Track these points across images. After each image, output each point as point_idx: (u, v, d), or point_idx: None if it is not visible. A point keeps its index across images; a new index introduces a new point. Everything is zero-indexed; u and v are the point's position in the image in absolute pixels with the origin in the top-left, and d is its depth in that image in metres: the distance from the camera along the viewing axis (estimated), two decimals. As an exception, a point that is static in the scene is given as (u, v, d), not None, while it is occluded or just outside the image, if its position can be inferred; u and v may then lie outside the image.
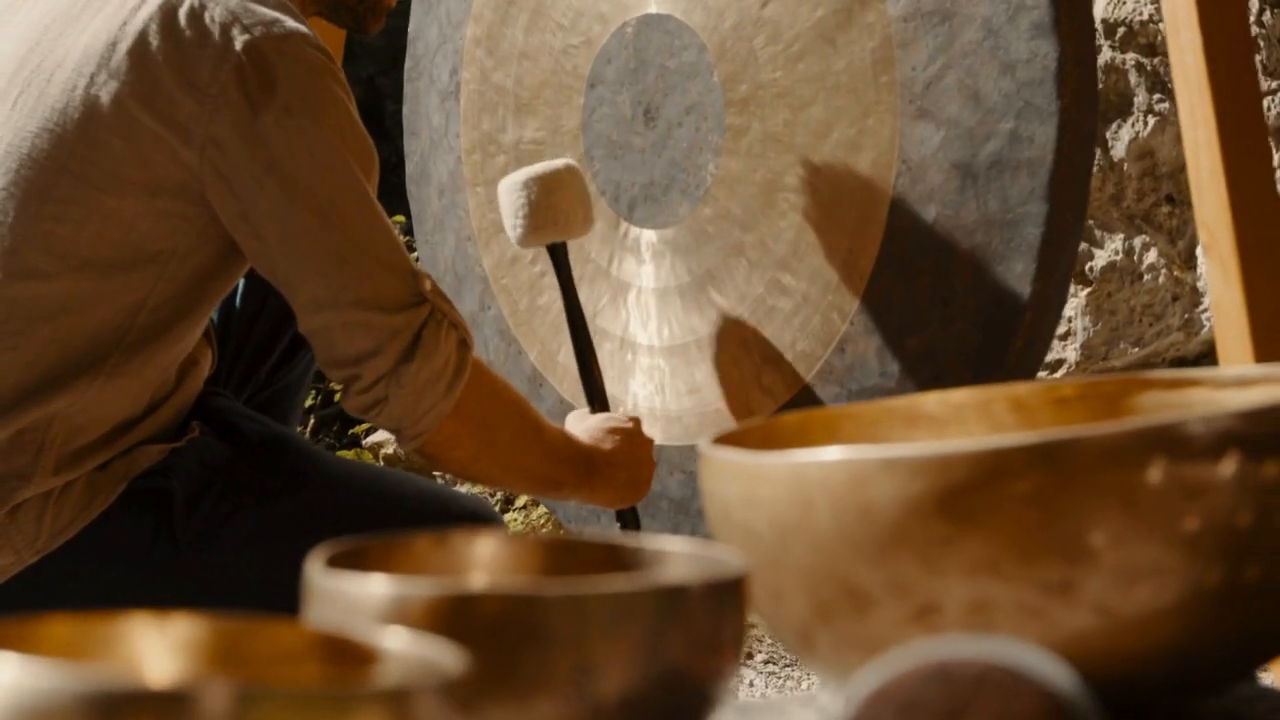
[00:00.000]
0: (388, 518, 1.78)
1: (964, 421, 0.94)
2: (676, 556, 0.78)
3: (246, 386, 2.09)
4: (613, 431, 1.99)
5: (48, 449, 1.67)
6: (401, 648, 0.58)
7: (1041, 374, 2.71)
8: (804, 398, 2.12)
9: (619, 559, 0.80)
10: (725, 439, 0.87)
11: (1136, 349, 2.87)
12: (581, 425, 2.01)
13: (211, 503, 1.76)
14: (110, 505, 1.71)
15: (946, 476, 0.71)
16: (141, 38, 1.63)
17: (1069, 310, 2.86)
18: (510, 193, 2.13)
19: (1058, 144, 1.86)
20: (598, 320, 2.44)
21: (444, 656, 0.56)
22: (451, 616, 0.65)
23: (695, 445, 2.25)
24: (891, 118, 2.00)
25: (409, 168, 2.84)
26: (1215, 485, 0.69)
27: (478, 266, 2.67)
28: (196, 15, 1.63)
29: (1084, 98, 1.87)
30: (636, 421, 2.03)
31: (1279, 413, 0.71)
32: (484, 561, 0.82)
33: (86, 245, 1.65)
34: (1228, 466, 0.69)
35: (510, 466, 1.83)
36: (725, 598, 0.69)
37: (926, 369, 1.99)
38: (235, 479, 1.79)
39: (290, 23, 1.66)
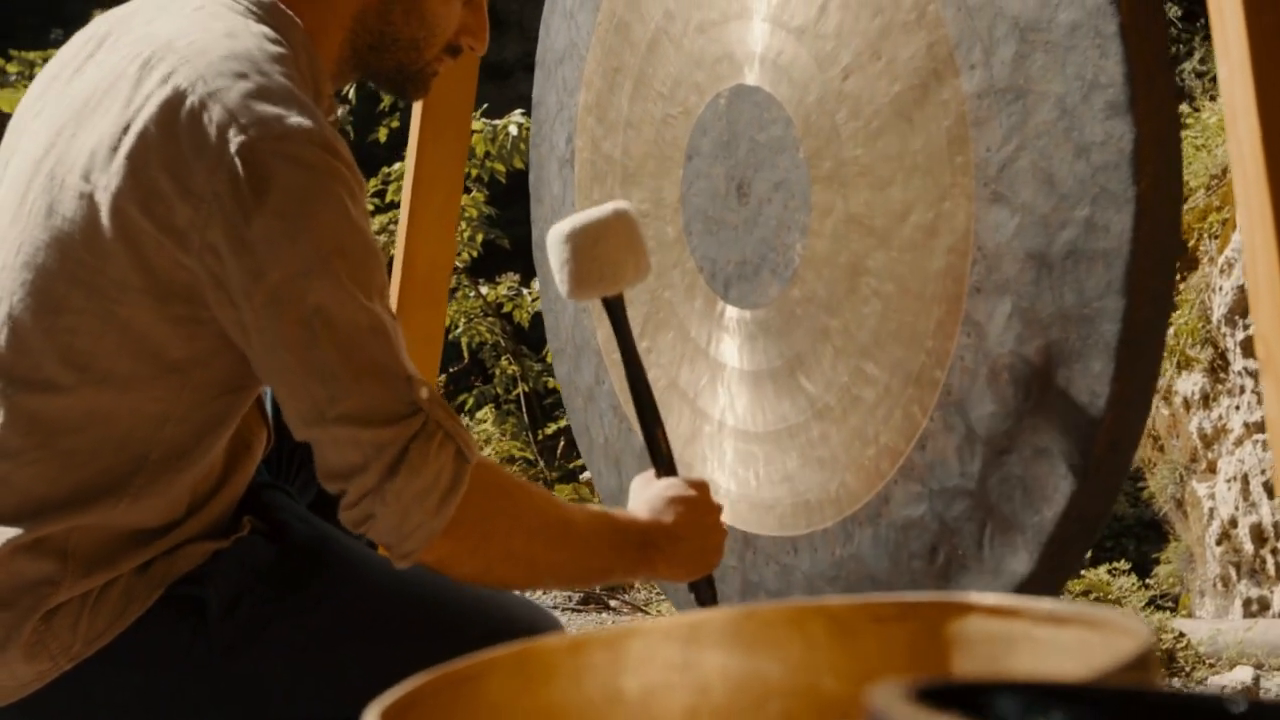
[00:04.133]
0: (425, 630, 1.75)
1: (777, 642, 0.84)
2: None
3: (305, 468, 2.07)
4: (675, 501, 1.86)
5: (72, 554, 1.67)
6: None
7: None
8: (889, 493, 2.00)
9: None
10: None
11: None
12: (643, 494, 1.90)
13: (249, 608, 1.74)
14: (146, 610, 1.71)
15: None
16: (142, 140, 1.59)
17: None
18: (555, 245, 1.99)
19: (1134, 233, 1.70)
20: (698, 401, 2.36)
21: None
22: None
23: (789, 536, 2.16)
24: (967, 201, 1.87)
25: (534, 233, 2.82)
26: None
27: (593, 339, 2.63)
28: (195, 115, 1.57)
29: (1164, 183, 1.70)
30: (703, 486, 1.90)
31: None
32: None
33: (105, 357, 1.64)
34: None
35: (537, 571, 1.75)
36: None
37: (1007, 471, 1.85)
38: (275, 583, 1.77)
39: (292, 119, 1.57)
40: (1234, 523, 4.24)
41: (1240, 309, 4.02)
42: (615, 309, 2.02)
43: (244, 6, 1.72)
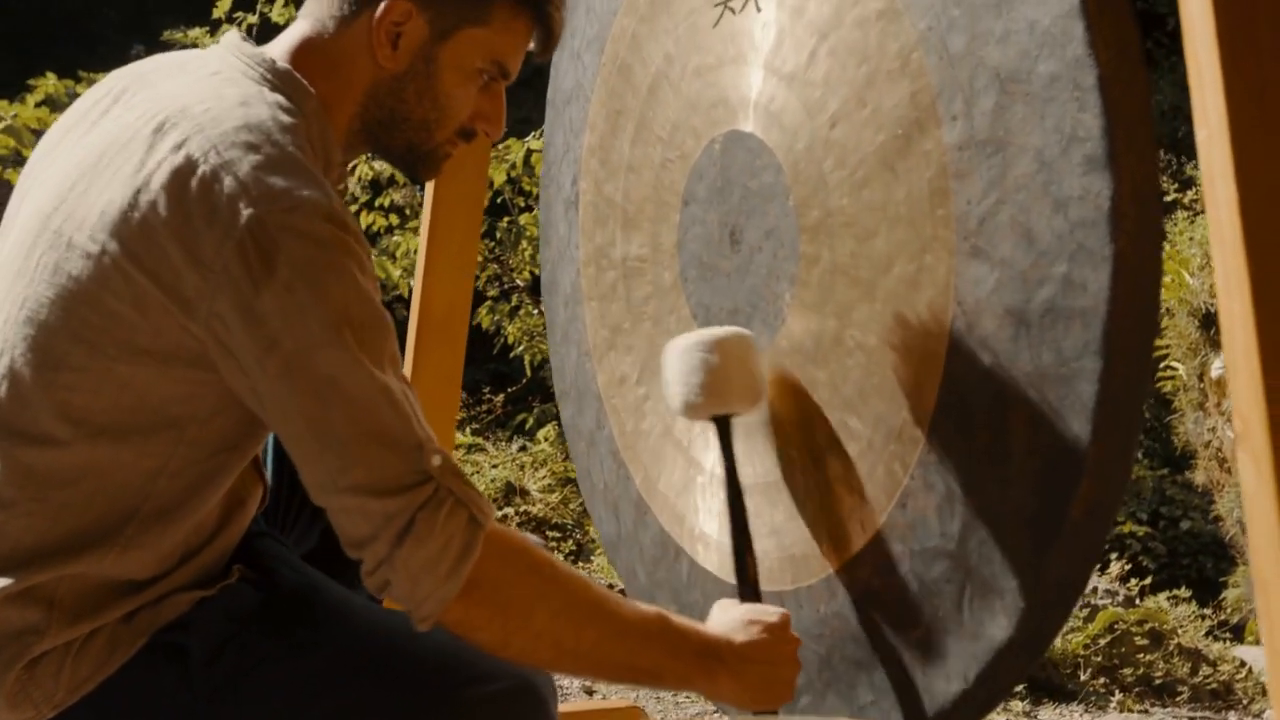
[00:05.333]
0: (410, 677, 1.72)
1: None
2: None
3: (302, 516, 2.06)
4: (753, 623, 1.82)
5: (59, 604, 1.68)
6: None
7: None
8: (872, 551, 1.96)
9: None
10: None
11: None
12: (722, 616, 1.86)
13: (233, 656, 1.73)
14: (130, 658, 1.71)
15: None
16: (152, 207, 1.59)
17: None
18: (687, 354, 2.01)
19: (1112, 292, 1.65)
20: (690, 450, 2.33)
21: None
22: None
23: (777, 591, 2.12)
24: (948, 255, 1.82)
25: (543, 275, 2.81)
26: None
27: (593, 383, 2.60)
28: (207, 185, 1.57)
29: (1144, 240, 1.65)
30: (784, 616, 1.84)
31: None
32: None
33: (102, 412, 1.64)
34: None
35: (563, 652, 1.67)
36: None
37: (986, 533, 1.80)
38: (260, 631, 1.76)
39: (302, 192, 1.58)
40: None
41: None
42: (725, 430, 2.03)
43: (259, 73, 1.72)
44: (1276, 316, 1.37)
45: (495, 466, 5.05)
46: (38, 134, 5.70)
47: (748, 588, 1.96)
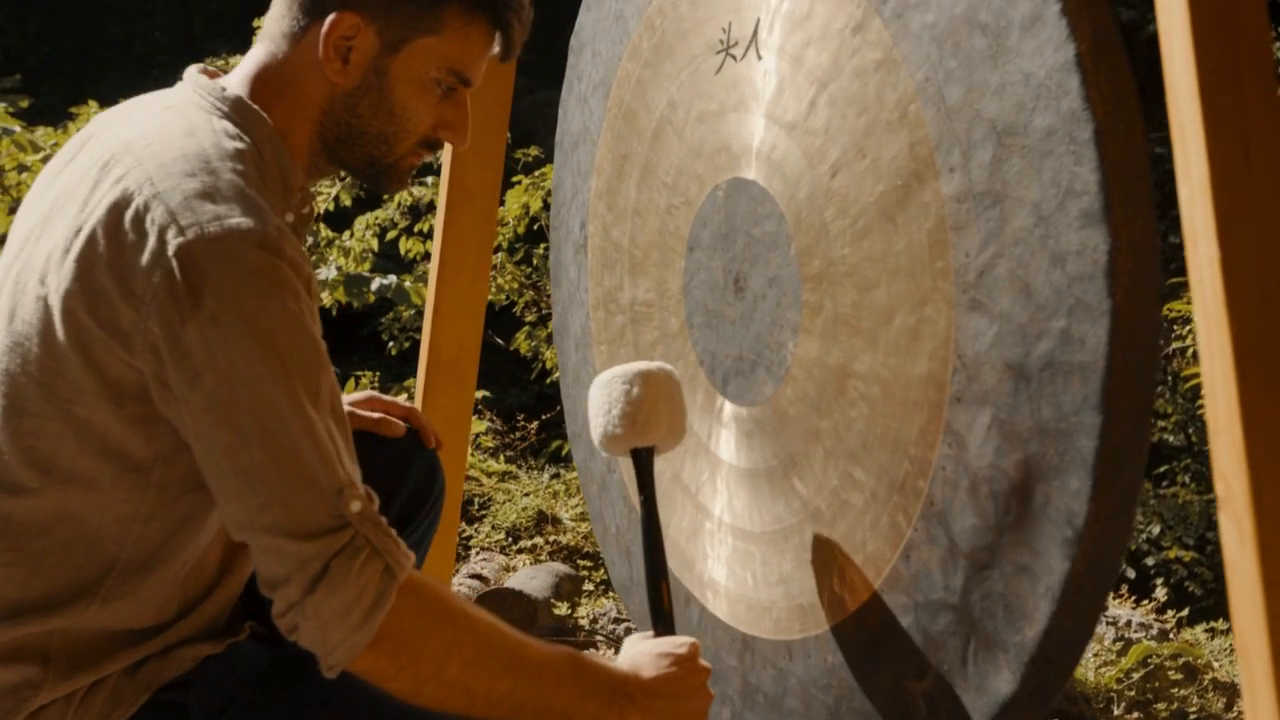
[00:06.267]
0: None
1: None
2: None
3: None
4: (660, 656, 1.81)
5: (54, 658, 1.67)
6: None
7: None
8: (878, 603, 1.94)
9: None
10: None
11: None
12: (632, 649, 1.85)
13: (234, 716, 1.73)
14: (132, 715, 1.70)
15: None
16: (90, 243, 1.58)
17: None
18: (605, 389, 2.02)
19: (1110, 347, 1.63)
20: (699, 496, 2.32)
21: None
22: None
23: (784, 640, 2.10)
24: (947, 307, 1.81)
25: (554, 317, 2.80)
26: None
27: (604, 427, 2.59)
28: (139, 217, 1.56)
29: (1141, 294, 1.63)
30: (694, 647, 1.84)
31: None
32: None
33: (66, 458, 1.64)
34: None
35: (476, 700, 1.65)
36: None
37: (989, 587, 1.78)
38: (264, 691, 1.76)
39: (233, 219, 1.54)
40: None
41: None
42: (645, 461, 2.02)
43: (210, 103, 1.72)
44: (1259, 379, 1.35)
45: (527, 494, 5.05)
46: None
47: (661, 619, 1.94)
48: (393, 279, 5.66)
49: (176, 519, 1.70)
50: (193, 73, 1.79)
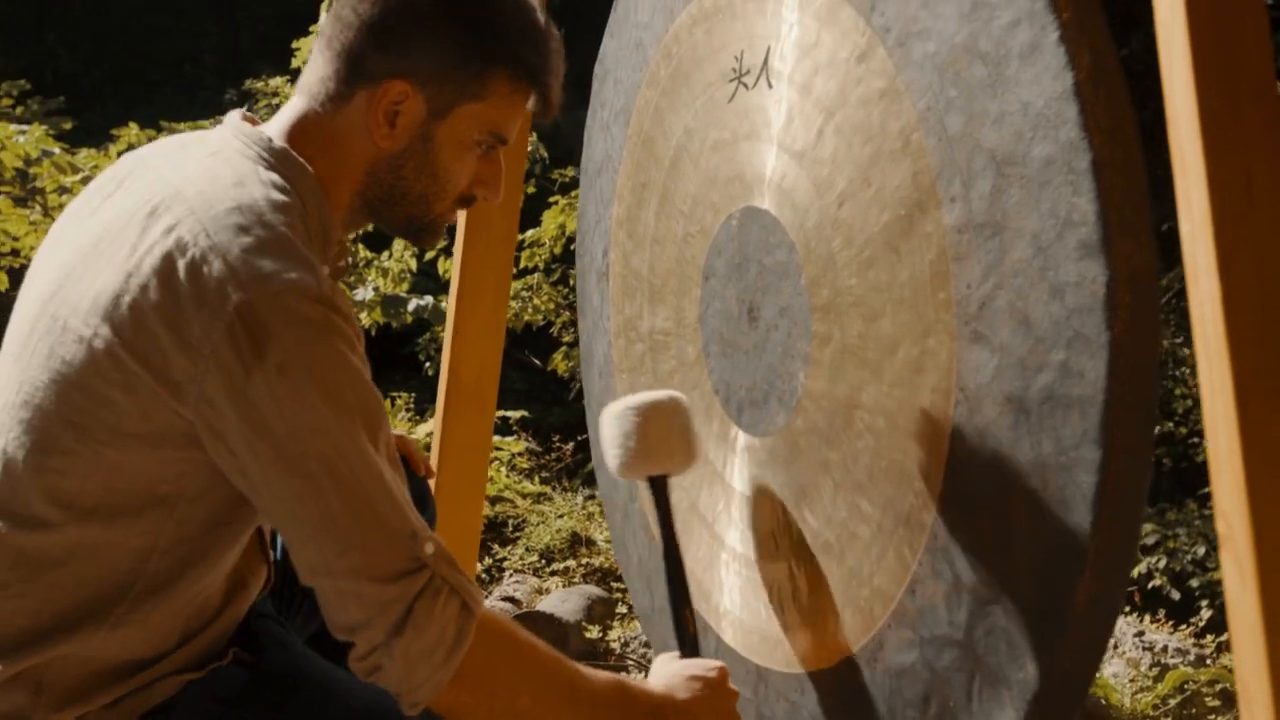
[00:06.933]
0: None
1: None
2: None
3: (309, 598, 2.07)
4: (693, 679, 1.86)
5: (48, 688, 1.69)
6: None
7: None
8: (884, 638, 1.93)
9: None
10: None
11: None
12: (663, 670, 1.90)
13: None
14: None
15: None
16: (143, 291, 1.60)
17: None
18: (616, 420, 2.04)
19: (1109, 381, 1.61)
20: (715, 526, 2.32)
21: None
22: None
23: (795, 673, 2.09)
24: (949, 339, 1.80)
25: (580, 345, 2.81)
26: None
27: (624, 455, 2.59)
28: (195, 268, 1.58)
29: (1140, 327, 1.61)
30: (723, 671, 1.89)
31: None
32: None
33: (91, 496, 1.65)
34: None
35: None
36: None
37: (992, 623, 1.76)
38: (243, 713, 1.77)
39: (291, 274, 1.58)
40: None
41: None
42: (661, 490, 2.06)
43: (256, 152, 1.72)
44: (1260, 416, 1.33)
45: (561, 516, 5.05)
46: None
47: (687, 643, 2.00)
48: (429, 300, 5.69)
49: (196, 552, 1.72)
50: (235, 118, 1.81)
